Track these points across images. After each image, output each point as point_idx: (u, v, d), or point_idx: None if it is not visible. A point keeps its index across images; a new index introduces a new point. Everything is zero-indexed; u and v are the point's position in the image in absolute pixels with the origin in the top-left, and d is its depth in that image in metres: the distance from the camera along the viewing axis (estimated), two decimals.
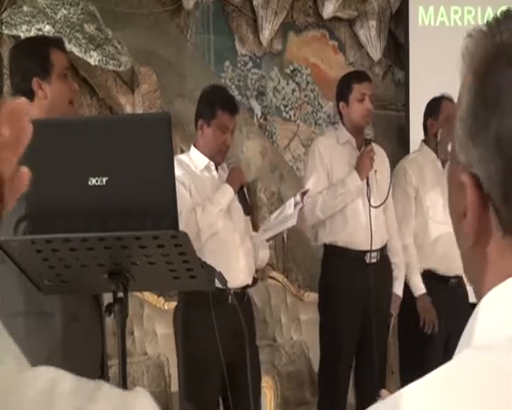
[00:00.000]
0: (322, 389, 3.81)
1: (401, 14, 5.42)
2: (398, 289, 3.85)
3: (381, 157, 3.88)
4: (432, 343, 3.86)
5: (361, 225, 3.68)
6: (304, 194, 3.57)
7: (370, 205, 3.70)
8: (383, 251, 3.78)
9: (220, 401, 3.36)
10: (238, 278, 3.27)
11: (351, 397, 3.83)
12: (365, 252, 3.68)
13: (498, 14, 0.68)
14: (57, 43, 2.47)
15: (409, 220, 3.97)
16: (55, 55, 2.36)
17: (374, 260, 3.70)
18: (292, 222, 3.45)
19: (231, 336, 3.10)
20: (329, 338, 3.75)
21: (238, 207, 3.39)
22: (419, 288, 3.88)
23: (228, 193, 3.30)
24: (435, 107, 4.05)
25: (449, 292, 3.91)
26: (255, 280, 3.71)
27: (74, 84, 2.43)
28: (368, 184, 3.68)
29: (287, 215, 3.51)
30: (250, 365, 3.12)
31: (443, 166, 4.00)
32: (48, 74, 2.31)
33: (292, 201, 3.49)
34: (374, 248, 3.68)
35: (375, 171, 3.74)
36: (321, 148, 3.81)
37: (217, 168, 3.39)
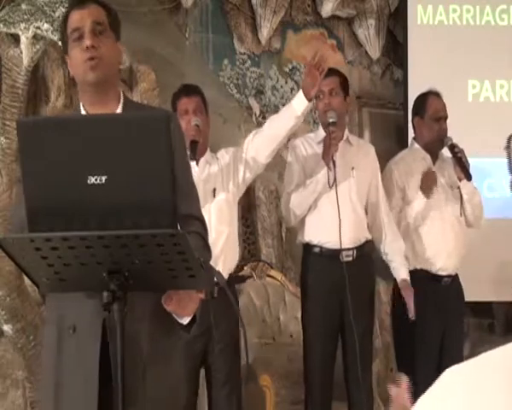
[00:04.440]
0: (304, 384, 3.81)
1: (400, 13, 5.42)
2: (399, 275, 3.82)
3: (364, 154, 3.86)
4: (428, 341, 3.87)
5: (330, 224, 3.65)
6: None
7: (356, 202, 3.70)
8: (361, 249, 3.75)
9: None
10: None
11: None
12: (340, 250, 3.65)
13: None
14: None
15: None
16: None
17: (349, 259, 3.68)
18: None
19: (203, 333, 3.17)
20: (306, 336, 3.77)
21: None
22: None
23: None
24: (421, 104, 4.04)
25: (442, 291, 3.91)
26: (239, 278, 3.73)
27: None
28: (335, 181, 3.62)
29: None
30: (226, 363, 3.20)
31: (433, 164, 4.00)
32: None
33: None
34: (346, 246, 3.66)
35: (352, 168, 3.73)
36: (296, 149, 3.83)
37: (198, 161, 3.41)
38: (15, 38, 4.06)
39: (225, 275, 3.39)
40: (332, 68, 3.98)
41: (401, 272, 3.83)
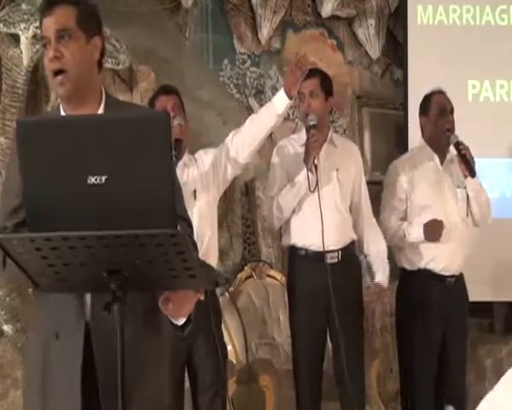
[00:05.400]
0: (295, 385, 3.81)
1: (400, 13, 5.42)
2: (378, 278, 3.80)
3: (348, 153, 3.84)
4: (429, 342, 3.87)
5: (314, 226, 3.63)
6: None
7: (340, 203, 3.69)
8: (348, 250, 3.74)
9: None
10: None
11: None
12: (324, 253, 3.64)
13: None
14: None
15: (386, 215, 3.97)
16: None
17: (334, 261, 3.66)
18: None
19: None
20: (294, 337, 3.77)
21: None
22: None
23: None
24: (425, 103, 4.04)
25: (446, 291, 3.91)
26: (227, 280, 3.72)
27: None
28: (317, 185, 3.60)
29: None
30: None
31: (441, 164, 3.99)
32: None
33: None
34: (330, 248, 3.65)
35: (337, 169, 3.71)
36: (280, 151, 3.81)
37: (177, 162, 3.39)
38: (15, 38, 4.06)
39: None
40: (313, 69, 3.96)
41: (378, 275, 3.81)
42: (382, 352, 4.72)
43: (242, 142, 3.42)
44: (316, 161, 3.60)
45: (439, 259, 3.90)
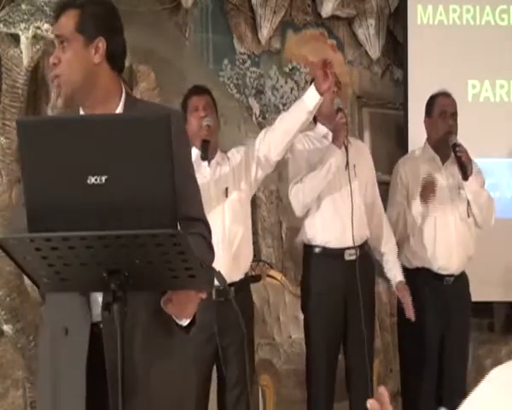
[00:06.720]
0: (308, 386, 3.79)
1: (400, 13, 5.42)
2: (396, 276, 3.82)
3: (361, 152, 3.85)
4: (428, 341, 3.87)
5: (341, 222, 3.63)
6: None
7: (358, 199, 3.69)
8: (363, 248, 3.73)
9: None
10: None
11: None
12: (344, 249, 3.64)
13: None
14: None
15: (391, 213, 3.99)
16: None
17: (353, 258, 3.65)
18: None
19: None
20: (311, 338, 3.74)
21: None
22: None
23: None
24: (430, 105, 4.05)
25: (444, 290, 3.91)
26: (254, 278, 3.70)
27: None
28: (348, 165, 3.60)
29: None
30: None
31: (443, 164, 3.99)
32: None
33: None
34: (349, 245, 3.63)
35: (354, 165, 3.70)
36: (299, 144, 3.78)
37: (209, 161, 3.40)
38: (15, 38, 4.06)
39: (241, 275, 3.41)
40: None
41: (397, 274, 3.83)
42: (382, 352, 4.72)
43: (274, 140, 3.42)
44: (346, 142, 3.61)
45: (436, 258, 3.90)
